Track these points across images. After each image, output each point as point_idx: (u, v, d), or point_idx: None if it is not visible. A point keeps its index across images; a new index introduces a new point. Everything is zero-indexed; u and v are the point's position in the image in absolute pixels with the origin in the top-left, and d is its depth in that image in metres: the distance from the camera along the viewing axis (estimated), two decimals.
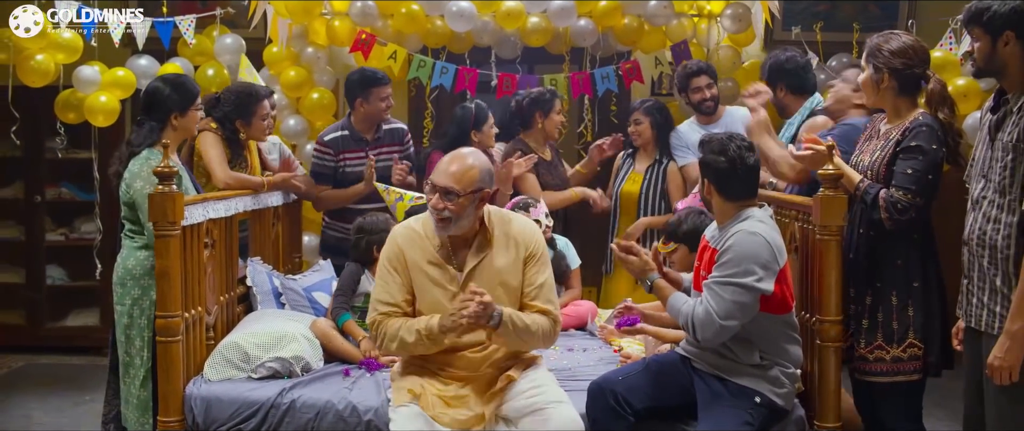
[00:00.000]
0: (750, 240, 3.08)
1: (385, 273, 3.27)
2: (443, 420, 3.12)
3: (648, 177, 5.08)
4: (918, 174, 3.15)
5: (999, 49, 2.77)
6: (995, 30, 2.76)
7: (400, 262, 3.25)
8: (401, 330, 3.17)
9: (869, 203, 3.21)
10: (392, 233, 3.36)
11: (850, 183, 3.27)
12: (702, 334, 3.10)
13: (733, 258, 3.07)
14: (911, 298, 3.27)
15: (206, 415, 3.48)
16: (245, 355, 3.65)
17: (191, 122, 3.98)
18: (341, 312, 4.04)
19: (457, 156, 3.22)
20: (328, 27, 5.78)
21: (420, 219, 3.36)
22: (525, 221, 3.43)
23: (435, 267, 3.25)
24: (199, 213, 3.62)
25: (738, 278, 3.05)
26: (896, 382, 3.28)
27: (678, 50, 5.85)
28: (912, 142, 3.17)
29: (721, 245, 3.14)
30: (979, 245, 2.81)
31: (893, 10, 6.29)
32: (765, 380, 3.17)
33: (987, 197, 2.80)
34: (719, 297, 3.07)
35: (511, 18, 5.69)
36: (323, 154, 5.01)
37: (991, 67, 2.82)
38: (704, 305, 3.09)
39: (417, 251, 3.26)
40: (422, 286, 3.25)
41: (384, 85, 4.97)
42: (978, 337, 2.84)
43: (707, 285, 3.13)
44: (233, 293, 4.15)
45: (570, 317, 4.52)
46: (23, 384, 5.59)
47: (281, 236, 4.93)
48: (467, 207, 3.16)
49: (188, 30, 5.46)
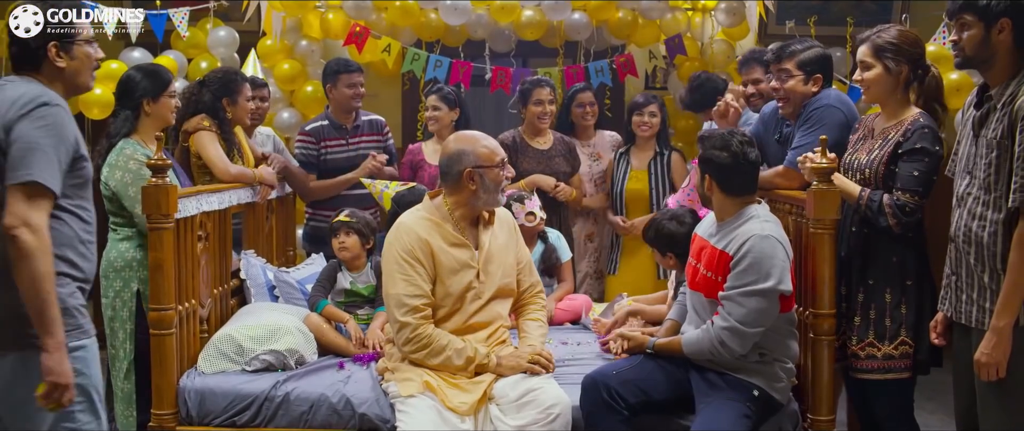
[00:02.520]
0: (765, 244, 3.09)
1: (406, 266, 3.30)
2: (453, 404, 3.18)
3: (653, 171, 5.06)
4: (924, 176, 3.15)
5: (992, 37, 2.71)
6: (991, 17, 2.70)
7: (425, 251, 3.32)
8: (449, 350, 3.28)
9: (875, 210, 3.19)
10: (404, 226, 3.39)
11: (850, 197, 3.25)
12: (731, 350, 3.12)
13: (752, 265, 3.08)
14: (904, 296, 3.27)
15: (200, 408, 3.47)
16: (239, 348, 3.65)
17: (164, 109, 3.92)
18: (318, 299, 4.06)
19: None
20: (322, 20, 5.78)
21: (424, 207, 3.49)
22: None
23: (459, 248, 3.38)
24: (193, 206, 3.62)
25: (759, 285, 3.06)
26: (887, 379, 3.29)
27: (672, 44, 5.86)
28: (917, 144, 3.16)
29: (735, 251, 3.12)
30: (965, 242, 2.81)
31: (887, 5, 6.30)
32: (763, 375, 3.18)
33: (972, 194, 2.78)
34: (742, 307, 3.08)
35: (505, 12, 5.69)
36: (305, 143, 5.08)
37: (979, 56, 2.76)
38: (727, 321, 3.10)
39: (438, 237, 3.36)
40: (449, 268, 3.35)
41: (351, 72, 5.04)
42: (968, 333, 2.84)
43: (727, 297, 3.12)
44: (227, 286, 4.15)
45: (564, 311, 4.52)
46: None
47: (275, 229, 4.92)
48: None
49: (181, 23, 5.46)
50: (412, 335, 3.28)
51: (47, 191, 2.42)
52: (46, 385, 2.43)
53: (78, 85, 2.71)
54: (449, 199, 3.43)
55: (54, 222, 2.50)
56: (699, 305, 3.31)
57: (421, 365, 3.31)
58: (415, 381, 3.25)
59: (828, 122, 3.56)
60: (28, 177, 2.39)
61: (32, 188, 2.40)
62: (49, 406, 2.45)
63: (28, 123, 2.43)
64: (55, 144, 2.45)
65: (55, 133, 2.46)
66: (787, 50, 3.74)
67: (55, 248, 2.46)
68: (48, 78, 2.63)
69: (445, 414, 3.15)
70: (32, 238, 2.38)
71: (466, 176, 3.35)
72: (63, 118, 2.50)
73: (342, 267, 4.16)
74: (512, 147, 4.97)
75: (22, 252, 2.38)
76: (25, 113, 2.44)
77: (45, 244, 2.41)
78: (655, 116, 5.07)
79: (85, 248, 2.61)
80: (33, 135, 2.43)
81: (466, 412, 3.16)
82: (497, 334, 3.47)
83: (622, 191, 5.07)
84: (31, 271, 2.39)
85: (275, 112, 5.71)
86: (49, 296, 2.40)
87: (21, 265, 2.39)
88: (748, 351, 3.15)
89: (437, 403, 3.17)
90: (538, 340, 3.51)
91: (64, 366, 2.43)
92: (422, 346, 3.28)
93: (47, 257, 2.40)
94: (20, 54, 2.65)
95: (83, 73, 2.69)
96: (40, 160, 2.41)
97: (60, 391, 2.44)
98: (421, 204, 3.55)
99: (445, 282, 3.35)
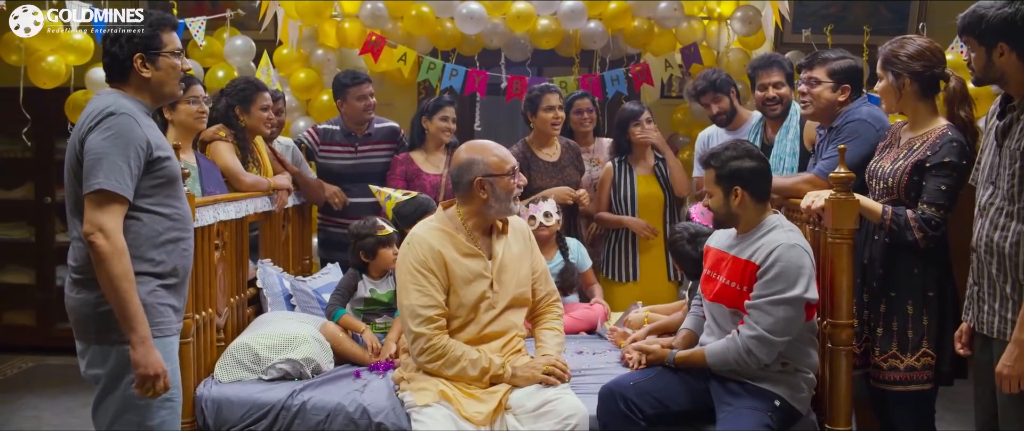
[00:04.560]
0: (792, 253, 3.09)
1: (419, 277, 3.30)
2: (468, 414, 3.18)
3: (660, 175, 5.03)
4: (952, 190, 3.14)
5: (995, 60, 2.71)
6: (988, 41, 2.71)
7: (438, 262, 3.32)
8: (463, 361, 3.28)
9: (901, 225, 3.17)
10: (416, 237, 3.39)
11: (874, 216, 3.23)
12: (757, 359, 3.12)
13: (780, 274, 3.08)
14: (926, 307, 3.25)
15: (217, 416, 3.48)
16: (256, 356, 3.65)
17: (185, 116, 4.03)
18: (335, 308, 4.07)
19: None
20: (338, 29, 5.80)
21: (436, 219, 3.48)
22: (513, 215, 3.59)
23: (472, 258, 3.38)
24: (210, 215, 3.63)
25: (787, 293, 3.07)
26: (909, 390, 3.27)
27: (688, 53, 5.85)
28: (945, 158, 3.13)
29: (761, 261, 3.12)
30: (987, 252, 2.78)
31: (904, 12, 6.28)
32: (786, 384, 3.17)
33: (995, 204, 2.76)
34: (770, 316, 3.08)
35: (521, 20, 5.69)
36: (310, 136, 5.21)
37: (989, 76, 2.77)
38: (754, 329, 3.10)
39: (451, 248, 3.36)
40: (463, 279, 3.35)
41: (359, 84, 5.08)
42: (990, 344, 2.81)
43: (755, 306, 3.11)
44: (243, 295, 4.15)
45: (580, 320, 4.52)
46: (33, 385, 5.61)
47: (291, 238, 4.93)
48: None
49: (198, 32, 5.47)
50: (426, 345, 3.28)
51: (117, 196, 2.61)
52: (137, 377, 2.66)
53: (165, 94, 2.89)
54: (462, 209, 3.43)
55: (132, 223, 2.69)
56: (720, 316, 3.30)
57: (436, 375, 3.31)
58: (430, 390, 3.25)
59: (862, 135, 3.55)
60: (97, 186, 2.59)
61: (102, 196, 2.60)
62: (147, 395, 2.68)
63: (96, 134, 2.63)
64: (122, 151, 2.62)
65: (121, 140, 2.62)
66: (819, 57, 3.78)
67: (133, 248, 2.67)
68: (135, 88, 2.82)
69: (461, 423, 3.15)
70: (105, 243, 2.58)
71: (477, 185, 3.35)
72: (130, 125, 2.66)
73: (362, 275, 4.16)
74: (521, 161, 4.90)
75: (98, 256, 2.58)
76: (94, 125, 2.64)
77: (118, 247, 2.60)
78: (650, 122, 5.03)
79: (171, 245, 2.77)
80: (100, 145, 2.61)
81: (482, 422, 3.16)
82: (512, 343, 3.47)
83: (632, 197, 5.02)
84: (108, 273, 2.59)
85: (291, 121, 5.73)
86: (127, 294, 2.61)
87: (100, 268, 2.60)
88: (772, 360, 3.14)
89: (453, 412, 3.17)
90: (554, 349, 3.50)
91: (150, 358, 2.65)
92: (436, 356, 3.28)
93: (122, 258, 2.60)
94: (110, 66, 2.82)
95: (169, 83, 2.87)
96: (107, 168, 2.59)
97: (151, 381, 2.66)
98: (434, 215, 3.55)
99: (458, 293, 3.35)
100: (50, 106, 5.58)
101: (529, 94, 5.13)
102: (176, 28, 2.89)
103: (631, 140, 5.01)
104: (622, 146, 5.07)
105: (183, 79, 3.97)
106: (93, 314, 2.70)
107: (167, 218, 2.77)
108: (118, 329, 2.66)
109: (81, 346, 2.79)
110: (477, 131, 6.13)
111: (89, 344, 2.75)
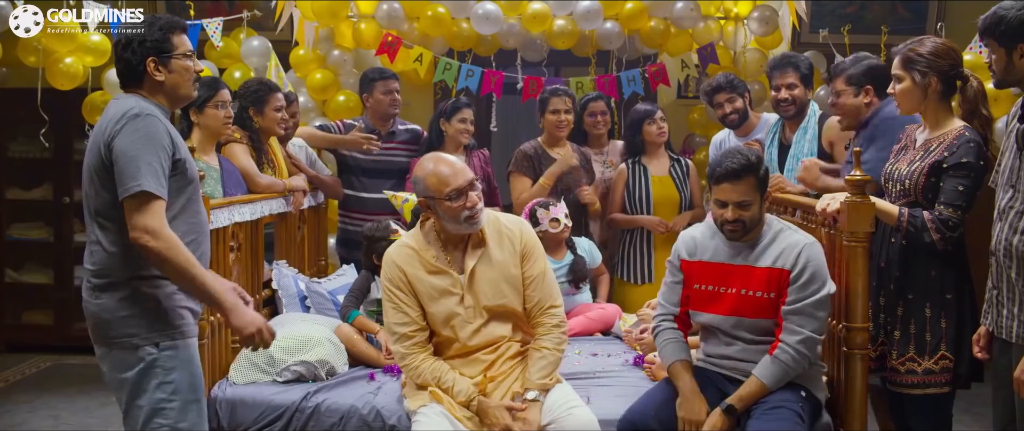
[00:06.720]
0: (814, 251, 3.14)
1: (392, 296, 3.31)
2: (459, 414, 3.17)
3: (676, 176, 5.03)
4: (969, 191, 3.12)
5: (1015, 61, 2.70)
6: (1009, 42, 2.70)
7: (403, 282, 3.30)
8: (433, 384, 3.24)
9: (919, 227, 3.14)
10: (387, 256, 3.37)
11: (890, 219, 3.20)
12: (809, 360, 3.14)
13: (814, 274, 3.11)
14: (944, 310, 3.23)
15: (231, 418, 3.49)
16: (270, 358, 3.66)
17: (210, 119, 4.05)
18: (350, 310, 4.09)
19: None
20: (354, 30, 5.80)
21: (409, 235, 3.44)
22: (512, 217, 3.51)
23: (437, 276, 3.30)
24: (225, 216, 3.63)
25: (822, 292, 3.11)
26: (927, 394, 3.25)
27: (704, 53, 5.83)
28: (963, 158, 3.11)
29: (792, 265, 3.11)
30: (1006, 256, 2.76)
31: (922, 12, 6.24)
32: (807, 376, 3.18)
33: (1015, 207, 2.73)
34: (814, 319, 3.11)
35: (537, 21, 5.69)
36: (336, 125, 5.23)
37: (1010, 78, 2.76)
38: (799, 334, 3.09)
39: (416, 267, 3.31)
40: (430, 297, 3.30)
41: (387, 79, 5.17)
42: (1008, 348, 2.79)
43: (796, 311, 3.10)
44: (258, 296, 4.16)
45: (595, 321, 4.51)
46: (51, 384, 5.64)
47: (307, 239, 4.94)
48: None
49: (215, 33, 5.48)
50: (403, 363, 3.32)
51: (155, 196, 2.60)
52: (242, 339, 2.77)
53: (180, 96, 2.88)
54: (431, 223, 3.37)
55: None
56: (731, 327, 3.24)
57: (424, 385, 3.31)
58: (422, 395, 3.26)
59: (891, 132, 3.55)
60: (137, 188, 2.57)
61: (142, 197, 2.58)
62: (257, 348, 2.81)
63: (123, 137, 2.61)
64: (153, 150, 2.62)
65: (150, 140, 2.62)
66: (838, 69, 3.84)
67: None
68: (150, 91, 2.81)
69: (456, 424, 3.14)
70: (156, 242, 2.57)
71: (423, 205, 3.31)
72: (155, 125, 2.66)
73: (375, 277, 4.16)
74: (533, 157, 5.01)
75: (156, 257, 2.60)
76: (120, 128, 2.62)
77: (170, 242, 2.60)
78: (665, 121, 5.04)
79: (190, 247, 2.72)
80: (130, 147, 2.60)
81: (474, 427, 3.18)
82: (503, 352, 3.36)
83: (648, 197, 5.00)
84: (171, 269, 2.62)
85: (307, 122, 5.73)
86: (197, 280, 2.65)
87: (162, 268, 2.64)
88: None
89: (446, 411, 3.16)
90: (537, 376, 3.24)
91: (243, 320, 2.74)
92: (412, 374, 3.30)
93: (178, 251, 2.61)
94: (124, 71, 2.82)
95: (183, 85, 2.86)
96: (143, 169, 2.59)
97: (253, 338, 2.76)
98: (412, 230, 3.48)
99: (429, 309, 3.31)
100: (68, 107, 5.62)
101: (541, 95, 5.18)
102: (186, 30, 2.88)
103: (645, 139, 5.01)
104: (635, 147, 5.07)
105: (211, 84, 4.03)
106: (114, 319, 2.70)
107: (184, 221, 2.77)
108: (140, 333, 2.68)
109: (101, 351, 2.79)
110: (493, 131, 6.14)
111: (110, 349, 2.75)
